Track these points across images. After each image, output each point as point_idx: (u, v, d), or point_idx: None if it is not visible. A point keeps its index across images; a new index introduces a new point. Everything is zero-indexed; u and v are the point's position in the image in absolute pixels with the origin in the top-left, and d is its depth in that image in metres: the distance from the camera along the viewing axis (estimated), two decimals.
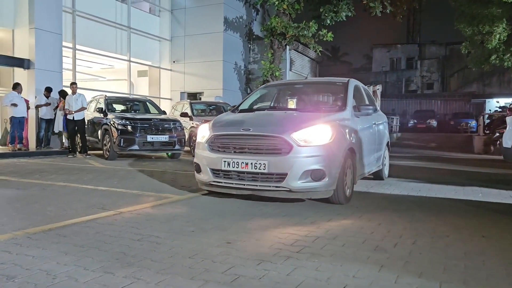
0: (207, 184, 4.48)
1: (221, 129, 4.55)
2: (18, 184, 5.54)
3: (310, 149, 4.06)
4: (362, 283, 2.20)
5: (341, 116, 4.72)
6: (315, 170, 4.02)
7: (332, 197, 4.25)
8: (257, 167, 4.03)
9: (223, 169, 4.24)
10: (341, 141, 4.31)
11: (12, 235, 3.01)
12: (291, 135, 4.06)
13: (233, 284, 2.16)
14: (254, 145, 4.16)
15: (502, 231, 3.45)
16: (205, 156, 4.45)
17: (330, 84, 6.08)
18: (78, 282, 2.13)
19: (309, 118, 4.44)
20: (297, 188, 4.01)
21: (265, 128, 4.30)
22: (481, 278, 2.32)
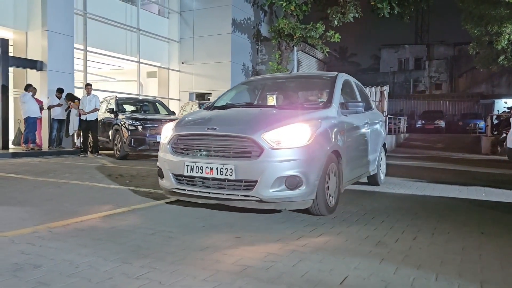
0: (170, 191, 3.98)
1: (184, 128, 3.99)
2: (34, 182, 5.74)
3: (284, 152, 3.51)
4: (362, 274, 2.34)
5: (324, 114, 4.12)
6: (290, 176, 3.47)
7: (311, 208, 3.73)
8: (223, 173, 3.52)
9: (186, 175, 3.73)
10: (323, 143, 3.76)
11: (33, 229, 3.20)
12: (261, 135, 3.52)
13: (242, 273, 2.31)
14: (220, 147, 3.65)
15: (501, 228, 3.57)
16: (167, 159, 3.93)
17: (317, 79, 5.64)
18: (99, 271, 2.30)
19: (285, 116, 3.88)
20: (269, 197, 3.46)
21: (232, 128, 3.75)
22: (476, 270, 2.45)
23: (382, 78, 38.89)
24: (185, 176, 3.76)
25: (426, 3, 18.12)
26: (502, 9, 13.84)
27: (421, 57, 39.30)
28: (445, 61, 38.05)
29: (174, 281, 2.17)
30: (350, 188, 5.64)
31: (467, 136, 21.87)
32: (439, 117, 29.37)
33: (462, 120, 29.17)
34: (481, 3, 14.29)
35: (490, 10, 14.14)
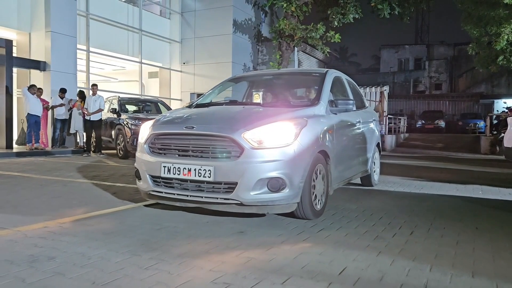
0: (147, 194, 3.77)
1: (162, 127, 3.78)
2: (40, 181, 5.87)
3: (267, 152, 3.30)
4: (360, 266, 2.46)
5: (311, 111, 3.90)
6: (273, 178, 3.27)
7: (296, 212, 3.55)
8: (202, 174, 3.32)
9: (163, 176, 3.53)
10: (308, 142, 3.52)
11: (44, 224, 3.33)
12: (242, 134, 3.31)
13: (245, 265, 2.44)
14: (198, 147, 3.45)
15: (495, 224, 3.69)
16: (144, 160, 3.73)
17: (306, 75, 5.38)
18: (110, 262, 2.43)
19: (268, 114, 3.66)
20: (250, 201, 3.26)
21: (211, 126, 3.51)
22: (468, 263, 2.57)
23: (382, 78, 39.00)
24: (162, 178, 3.55)
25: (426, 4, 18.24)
26: (501, 10, 13.95)
27: (421, 57, 39.41)
28: (445, 61, 38.15)
29: (181, 272, 2.30)
30: (349, 187, 5.77)
31: (466, 136, 21.98)
32: (439, 117, 29.46)
33: (462, 120, 29.26)
34: (480, 4, 14.41)
35: (489, 11, 14.25)
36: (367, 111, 5.85)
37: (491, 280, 2.27)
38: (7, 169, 7.22)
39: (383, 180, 6.62)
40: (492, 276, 2.34)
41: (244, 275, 2.26)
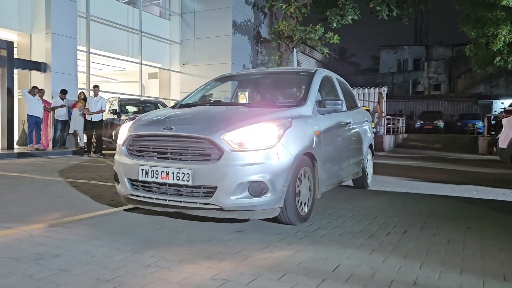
0: (125, 198, 3.66)
1: (140, 128, 3.63)
2: (42, 182, 5.97)
3: (248, 155, 3.17)
4: (353, 263, 2.56)
5: (296, 112, 3.77)
6: (254, 182, 3.15)
7: (280, 217, 3.40)
8: (180, 178, 3.20)
9: (141, 180, 3.40)
10: (292, 144, 3.39)
11: (48, 223, 3.43)
12: (221, 136, 3.19)
13: (243, 262, 2.54)
14: (177, 149, 3.32)
15: (486, 224, 3.79)
16: (122, 162, 3.61)
17: (294, 75, 5.21)
18: (113, 259, 2.53)
19: (251, 115, 3.54)
20: (230, 206, 3.14)
21: (190, 128, 3.39)
22: (458, 260, 2.68)
23: (381, 79, 39.13)
24: (140, 181, 3.43)
25: (424, 5, 18.38)
26: (498, 11, 14.07)
27: (420, 58, 39.53)
28: (444, 62, 38.29)
29: (181, 269, 2.40)
30: (345, 187, 5.86)
31: (464, 137, 22.09)
32: (438, 118, 29.57)
33: (460, 120, 29.38)
34: (478, 6, 14.52)
35: (486, 12, 14.37)
36: (359, 111, 5.71)
37: (478, 277, 2.37)
38: (9, 170, 7.32)
39: (380, 181, 6.72)
40: (479, 273, 2.44)
41: (241, 272, 2.36)
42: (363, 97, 18.43)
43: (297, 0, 16.22)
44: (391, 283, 2.24)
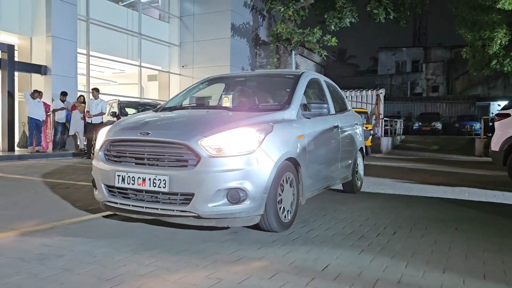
0: (103, 204, 3.58)
1: (118, 132, 3.54)
2: (43, 184, 6.09)
3: (226, 161, 3.09)
4: (342, 263, 2.69)
5: (279, 116, 3.69)
6: (233, 189, 3.08)
7: (261, 224, 3.33)
8: (157, 185, 3.12)
9: (117, 186, 3.32)
10: (274, 150, 3.32)
11: (51, 225, 3.55)
12: (199, 141, 3.10)
13: (237, 262, 2.67)
14: (154, 155, 3.25)
15: (474, 225, 3.91)
16: (99, 168, 3.53)
17: (280, 77, 5.12)
18: (113, 259, 2.66)
19: (231, 120, 3.49)
20: (208, 213, 3.07)
21: (167, 133, 3.32)
22: (442, 259, 2.80)
23: (380, 81, 39.28)
24: (117, 188, 3.35)
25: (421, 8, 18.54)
26: (494, 14, 14.20)
27: (418, 59, 39.73)
28: (442, 63, 38.47)
29: (178, 268, 2.52)
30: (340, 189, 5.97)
31: (461, 138, 22.23)
32: (435, 119, 29.71)
33: (458, 122, 29.54)
34: (474, 9, 14.66)
35: (482, 15, 14.50)
36: (348, 114, 5.60)
37: (460, 276, 2.49)
38: (11, 172, 7.44)
39: (374, 183, 6.85)
40: (462, 272, 2.57)
41: (235, 271, 2.49)
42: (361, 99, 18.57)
43: (295, 3, 16.38)
44: (376, 281, 2.37)
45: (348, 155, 5.30)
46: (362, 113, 15.51)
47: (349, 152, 5.35)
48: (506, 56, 15.02)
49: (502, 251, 3.06)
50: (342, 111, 5.43)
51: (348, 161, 5.29)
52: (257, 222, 3.29)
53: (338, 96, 5.54)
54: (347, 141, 5.24)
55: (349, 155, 5.32)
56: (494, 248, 3.13)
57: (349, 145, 5.35)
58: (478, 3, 14.20)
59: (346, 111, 5.61)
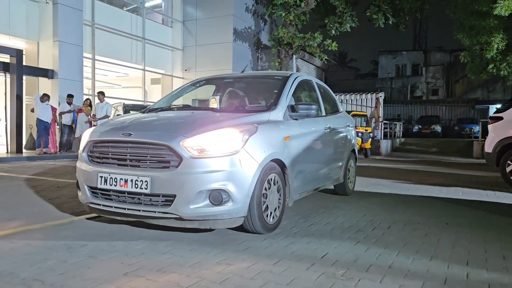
0: (86, 206, 3.57)
1: (100, 134, 3.54)
2: (56, 183, 6.37)
3: (208, 162, 3.08)
4: (340, 252, 2.97)
5: (264, 117, 3.69)
6: (215, 190, 3.07)
7: (245, 225, 3.33)
8: (138, 186, 3.12)
9: (100, 187, 3.32)
10: (258, 151, 3.31)
11: (71, 220, 3.84)
12: (180, 142, 3.09)
13: (244, 251, 2.94)
14: (136, 156, 3.24)
15: (465, 221, 4.18)
16: (82, 169, 3.53)
17: (269, 79, 5.11)
18: (132, 248, 2.94)
19: (214, 120, 3.49)
20: (189, 215, 3.07)
21: (149, 134, 3.31)
22: (430, 250, 3.08)
23: (380, 84, 39.62)
24: (100, 189, 3.35)
25: (420, 13, 18.87)
26: (491, 20, 14.50)
27: (419, 63, 40.05)
28: (442, 67, 38.79)
29: (192, 255, 2.80)
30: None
31: (460, 141, 22.51)
32: (435, 122, 30.03)
33: (458, 125, 29.87)
34: (471, 15, 14.98)
35: (480, 21, 14.82)
36: (339, 116, 5.54)
37: (445, 263, 2.77)
38: (22, 172, 7.72)
39: (372, 183, 7.12)
40: (447, 259, 2.84)
41: (243, 258, 2.76)
42: (361, 103, 18.86)
43: (296, 8, 16.69)
44: (369, 266, 2.64)
45: (339, 157, 5.27)
46: (362, 116, 15.80)
47: (340, 153, 5.31)
48: (502, 60, 15.32)
49: (486, 242, 3.34)
50: (334, 112, 5.46)
51: (339, 163, 5.25)
52: (240, 224, 3.28)
53: (329, 97, 5.55)
54: (338, 143, 5.23)
55: (340, 156, 5.29)
56: (480, 240, 3.41)
57: (340, 147, 5.33)
58: (475, 9, 14.51)
59: (337, 113, 5.59)
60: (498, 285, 2.37)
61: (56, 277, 2.36)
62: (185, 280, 2.33)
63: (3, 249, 2.88)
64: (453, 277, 2.48)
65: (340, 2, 16.67)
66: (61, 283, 2.26)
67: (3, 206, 4.45)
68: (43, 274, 2.40)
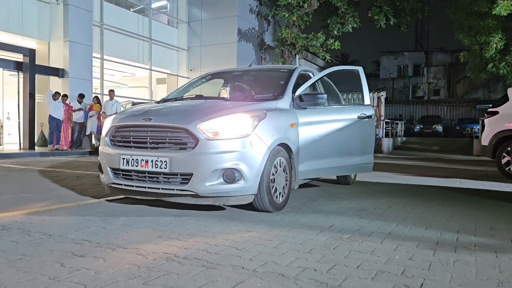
0: (108, 187, 3.87)
1: (122, 119, 3.85)
2: (75, 174, 6.75)
3: (222, 144, 3.37)
4: (345, 223, 3.33)
5: (272, 105, 3.98)
6: (228, 169, 3.36)
7: (254, 203, 3.61)
8: (158, 166, 3.41)
9: (122, 168, 3.61)
10: (267, 135, 3.59)
11: (99, 201, 4.21)
12: (197, 125, 3.38)
13: (261, 222, 3.31)
14: (155, 139, 3.54)
15: (459, 203, 4.54)
16: (105, 152, 3.84)
17: (275, 71, 5.43)
18: (160, 221, 3.31)
19: (227, 107, 3.78)
20: (205, 192, 3.35)
21: (168, 118, 3.63)
22: (426, 222, 3.43)
23: (382, 84, 39.93)
24: (122, 170, 3.64)
25: (421, 14, 19.22)
26: (490, 20, 14.86)
27: (420, 63, 40.38)
28: (443, 67, 39.13)
29: (215, 225, 3.16)
30: None
31: (461, 139, 22.85)
32: (437, 122, 30.37)
33: (459, 124, 30.19)
34: (470, 15, 15.33)
35: (479, 21, 15.16)
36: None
37: (438, 231, 3.13)
38: (38, 165, 8.10)
39: (374, 175, 7.46)
40: (440, 229, 3.20)
41: (260, 227, 3.13)
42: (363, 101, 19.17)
43: (299, 9, 17.06)
44: (371, 233, 3.00)
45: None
46: None
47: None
48: (501, 59, 15.65)
49: (477, 218, 3.70)
50: (340, 102, 5.63)
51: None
52: (251, 201, 3.56)
53: (332, 91, 5.66)
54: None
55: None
56: (472, 216, 3.77)
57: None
58: (475, 9, 14.86)
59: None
60: (483, 245, 2.73)
61: (101, 238, 2.72)
62: (212, 241, 2.70)
63: (46, 220, 3.25)
64: (444, 240, 2.84)
65: (342, 3, 17.05)
66: (106, 242, 2.63)
67: (33, 191, 4.82)
68: (88, 236, 2.76)
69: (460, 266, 2.25)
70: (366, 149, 5.36)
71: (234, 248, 2.52)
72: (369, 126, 5.41)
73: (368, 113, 5.29)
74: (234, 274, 2.06)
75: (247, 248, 2.52)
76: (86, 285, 1.88)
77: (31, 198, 4.29)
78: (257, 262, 2.26)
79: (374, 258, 2.36)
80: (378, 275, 2.08)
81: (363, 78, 5.34)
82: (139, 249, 2.47)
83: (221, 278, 2.00)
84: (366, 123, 5.29)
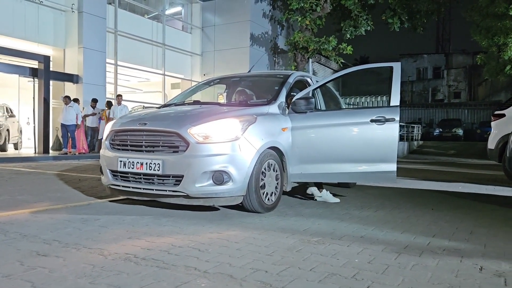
0: (108, 188, 4.10)
1: (121, 124, 4.09)
2: (78, 177, 6.90)
3: (211, 147, 3.54)
4: (321, 227, 3.31)
5: (263, 110, 4.14)
6: (217, 171, 3.52)
7: (244, 204, 3.76)
8: (152, 168, 3.62)
9: (119, 170, 3.85)
10: (256, 138, 3.74)
11: (88, 202, 4.30)
12: (188, 130, 3.58)
13: (237, 225, 3.32)
14: (150, 142, 3.76)
15: (451, 207, 4.45)
16: (105, 155, 4.08)
17: (272, 77, 5.53)
18: (138, 222, 3.36)
19: (219, 112, 3.95)
20: (195, 193, 3.52)
21: (162, 123, 3.87)
22: (406, 227, 3.38)
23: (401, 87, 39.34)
24: (119, 172, 3.86)
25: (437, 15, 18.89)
26: (508, 21, 14.51)
27: (440, 66, 39.69)
28: (464, 70, 38.36)
29: (188, 227, 3.19)
30: None
31: (481, 143, 22.26)
32: (457, 125, 29.78)
33: (480, 128, 29.46)
34: (487, 16, 15.00)
35: (496, 22, 14.82)
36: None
37: (414, 235, 3.08)
38: (47, 169, 8.32)
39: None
40: (418, 233, 3.15)
41: (233, 229, 3.14)
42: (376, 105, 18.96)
43: (312, 12, 17.03)
44: (343, 236, 2.98)
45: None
46: None
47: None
48: None
49: (462, 222, 3.62)
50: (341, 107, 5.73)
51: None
52: (239, 202, 3.71)
53: (332, 96, 5.77)
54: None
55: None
56: (456, 220, 3.70)
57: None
58: (491, 11, 14.54)
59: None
60: (453, 250, 2.67)
61: (72, 238, 2.79)
62: (178, 242, 2.73)
63: (29, 220, 3.35)
64: (415, 244, 2.80)
65: (356, 6, 16.92)
66: (75, 242, 2.69)
67: (30, 193, 4.96)
68: (60, 236, 2.84)
69: (417, 270, 2.22)
70: (383, 156, 4.42)
71: (197, 250, 2.54)
72: (388, 130, 4.38)
73: (389, 116, 4.37)
74: (184, 274, 2.08)
75: (209, 250, 2.54)
76: (34, 282, 1.93)
77: (25, 199, 4.42)
78: (213, 263, 2.28)
79: (332, 261, 2.35)
80: (327, 277, 2.07)
81: (397, 76, 4.61)
82: (103, 249, 2.52)
83: (169, 278, 2.02)
84: (384, 127, 4.36)
